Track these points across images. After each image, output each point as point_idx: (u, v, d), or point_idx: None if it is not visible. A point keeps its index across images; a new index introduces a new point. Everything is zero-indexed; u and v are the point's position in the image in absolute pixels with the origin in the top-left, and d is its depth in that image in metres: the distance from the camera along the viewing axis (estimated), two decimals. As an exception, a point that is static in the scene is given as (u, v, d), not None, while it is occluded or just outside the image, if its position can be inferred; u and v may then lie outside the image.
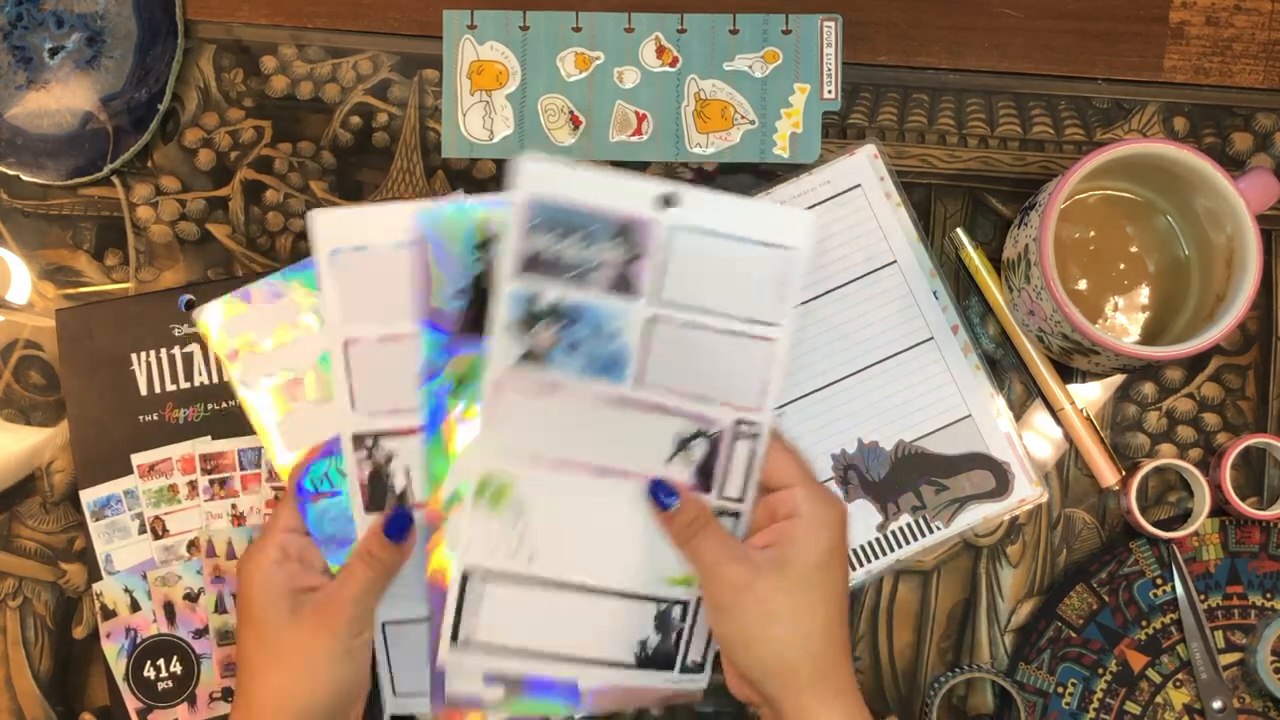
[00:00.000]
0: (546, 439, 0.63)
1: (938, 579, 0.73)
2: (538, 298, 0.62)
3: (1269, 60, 0.76)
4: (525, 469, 0.63)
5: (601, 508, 0.64)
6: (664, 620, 0.65)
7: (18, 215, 0.76)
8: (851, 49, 0.76)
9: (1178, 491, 0.74)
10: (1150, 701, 0.72)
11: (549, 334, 0.62)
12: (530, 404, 0.63)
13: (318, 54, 0.76)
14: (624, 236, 0.62)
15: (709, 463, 0.64)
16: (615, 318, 0.62)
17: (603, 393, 0.63)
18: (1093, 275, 0.71)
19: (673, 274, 0.62)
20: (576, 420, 0.63)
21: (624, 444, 0.63)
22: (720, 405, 0.64)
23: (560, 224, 0.61)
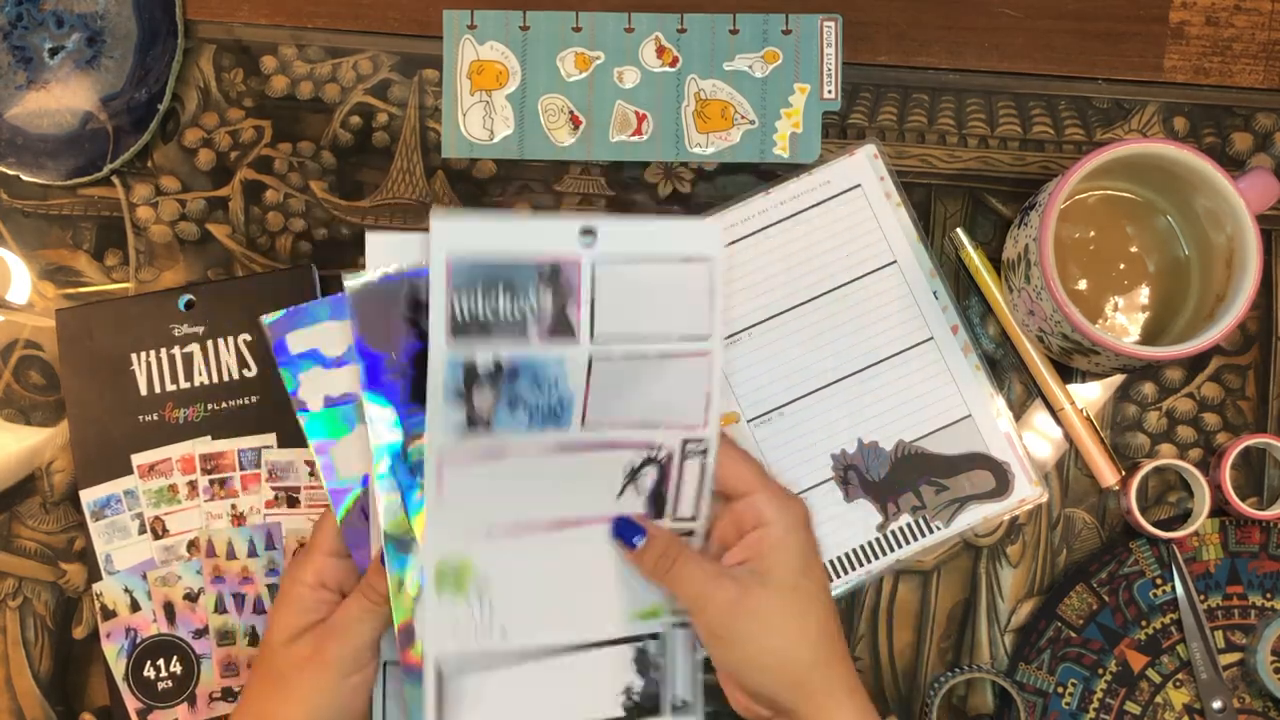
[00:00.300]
0: (498, 506, 0.61)
1: (938, 579, 0.73)
2: (473, 360, 0.59)
3: (1269, 60, 0.76)
4: (480, 544, 0.61)
5: (562, 561, 0.63)
6: (643, 660, 0.64)
7: (18, 215, 0.76)
8: (851, 49, 0.76)
9: (1178, 491, 0.74)
10: (1150, 701, 0.72)
11: (489, 394, 0.60)
12: (478, 473, 0.60)
13: (318, 54, 0.76)
14: (552, 280, 0.60)
15: (660, 488, 0.63)
16: (555, 365, 0.60)
17: (549, 442, 0.61)
18: (1093, 275, 0.71)
19: (603, 308, 0.61)
20: (525, 478, 0.61)
21: (575, 489, 0.62)
22: (665, 429, 0.62)
23: (485, 279, 0.59)
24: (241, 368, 0.73)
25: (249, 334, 0.73)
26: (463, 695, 0.62)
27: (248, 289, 0.74)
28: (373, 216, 0.75)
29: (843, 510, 0.73)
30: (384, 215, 0.75)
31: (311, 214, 0.76)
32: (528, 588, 0.62)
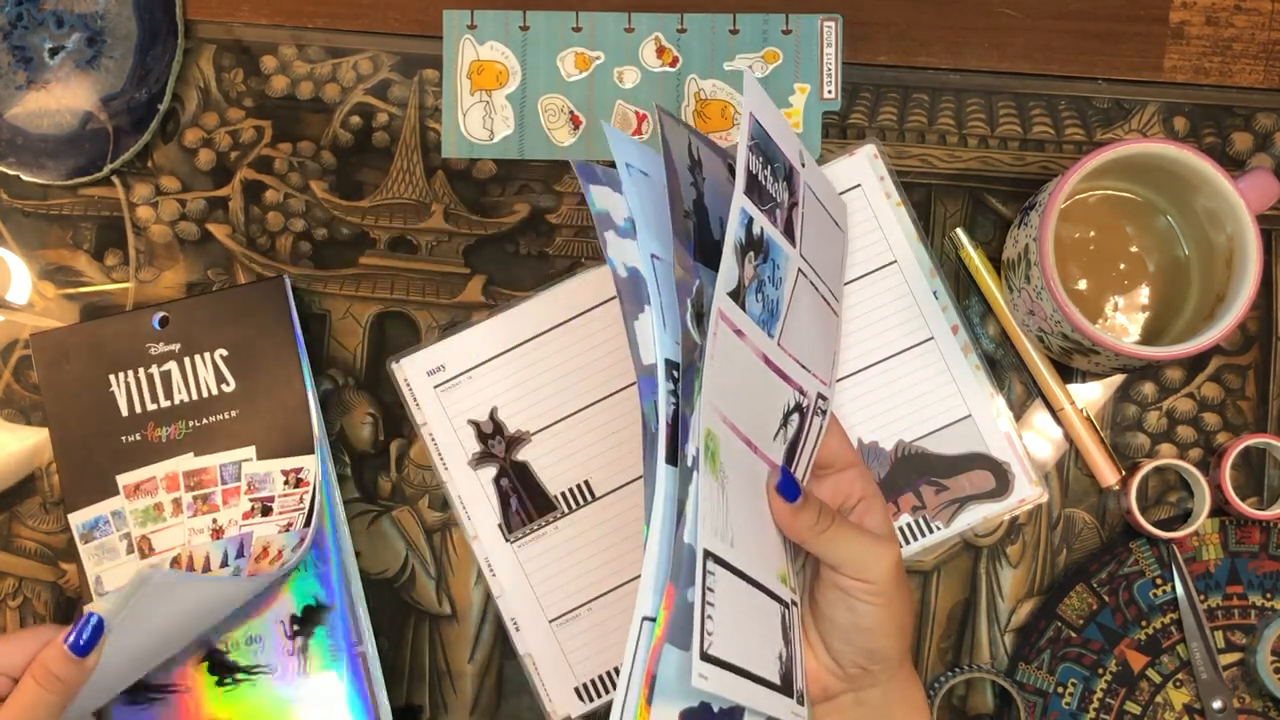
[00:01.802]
0: (728, 394, 0.56)
1: (938, 579, 0.73)
2: (754, 221, 0.56)
3: (1269, 60, 0.76)
4: (720, 426, 0.55)
5: (750, 487, 0.57)
6: (787, 627, 0.58)
7: (18, 215, 0.76)
8: (851, 49, 0.76)
9: (1178, 491, 0.74)
10: (1150, 701, 0.72)
11: (752, 267, 0.57)
12: (728, 347, 0.55)
13: (318, 54, 0.76)
14: (790, 182, 0.60)
15: (796, 440, 0.60)
16: (784, 262, 0.59)
17: (760, 348, 0.57)
18: (1093, 275, 0.71)
19: (807, 230, 0.61)
20: (742, 376, 0.56)
21: (761, 411, 0.58)
22: (812, 375, 0.61)
23: (764, 152, 0.58)
24: (220, 383, 0.73)
25: (225, 348, 0.73)
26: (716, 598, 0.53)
27: (220, 303, 0.73)
28: (373, 216, 0.75)
29: (843, 510, 0.73)
30: (384, 215, 0.75)
31: (311, 214, 0.76)
32: (736, 501, 0.56)
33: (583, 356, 0.73)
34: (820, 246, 0.61)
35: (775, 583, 0.58)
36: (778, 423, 0.59)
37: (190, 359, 0.73)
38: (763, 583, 0.57)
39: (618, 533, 0.72)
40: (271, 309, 0.73)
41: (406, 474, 0.74)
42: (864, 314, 0.74)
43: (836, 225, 0.62)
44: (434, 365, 0.73)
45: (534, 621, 0.72)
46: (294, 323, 0.73)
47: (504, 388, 0.73)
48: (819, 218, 0.61)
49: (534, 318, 0.73)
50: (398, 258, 0.75)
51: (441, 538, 0.74)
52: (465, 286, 0.75)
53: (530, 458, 0.73)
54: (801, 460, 0.61)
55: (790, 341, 0.58)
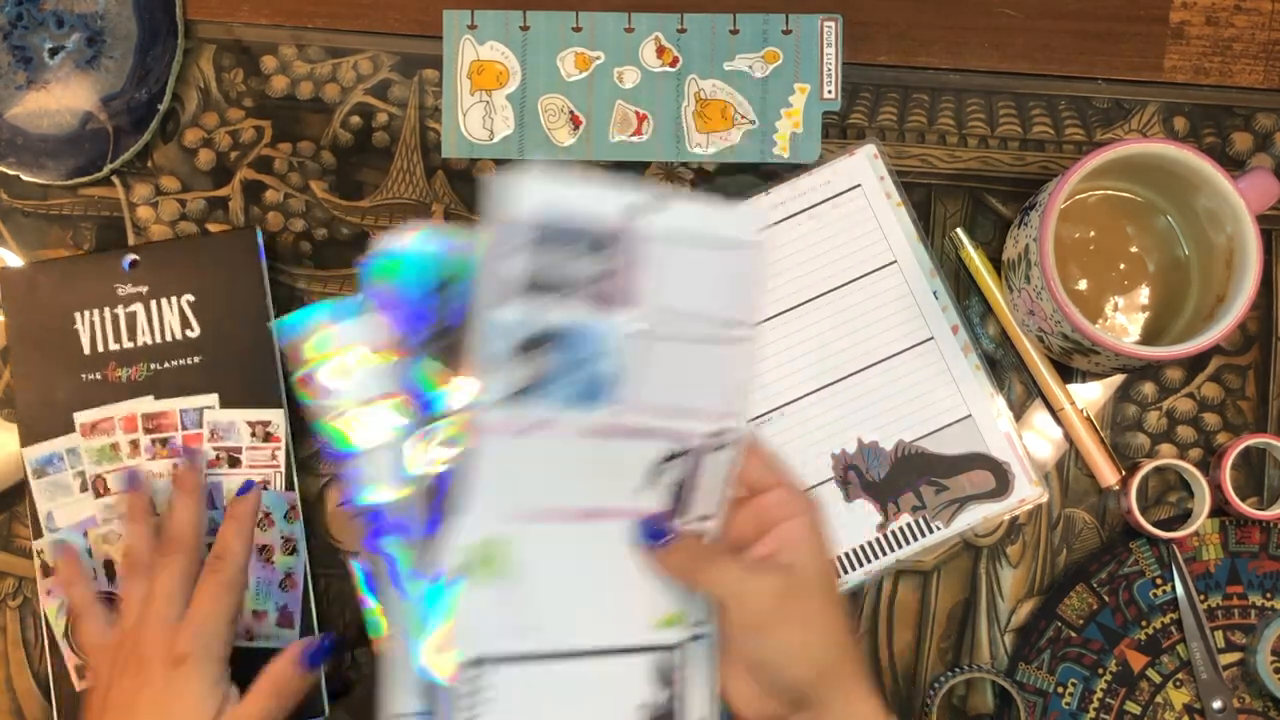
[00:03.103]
0: (535, 486, 0.57)
1: (938, 579, 0.73)
2: (519, 325, 0.54)
3: (1269, 60, 0.76)
4: (516, 526, 0.57)
5: (589, 556, 0.58)
6: (663, 672, 0.60)
7: (18, 215, 0.76)
8: (851, 49, 0.76)
9: (1178, 491, 0.74)
10: (1150, 701, 0.72)
11: (530, 366, 0.55)
12: (517, 447, 0.56)
13: (318, 54, 0.76)
14: (604, 250, 0.55)
15: (683, 483, 0.60)
16: (597, 337, 0.56)
17: (585, 423, 0.57)
18: (1093, 275, 0.71)
19: (649, 284, 0.56)
20: (561, 458, 0.57)
21: (604, 478, 0.58)
22: (696, 419, 0.59)
23: (539, 241, 0.54)
24: (185, 328, 0.73)
25: (192, 294, 0.73)
26: (483, 690, 0.56)
27: (191, 249, 0.74)
28: (373, 216, 0.75)
29: (843, 510, 0.73)
30: (384, 215, 0.75)
31: (311, 214, 0.76)
32: (557, 583, 0.58)
33: (583, 356, 0.73)
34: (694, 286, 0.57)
35: (646, 634, 0.59)
36: (639, 478, 0.58)
37: (157, 302, 0.73)
38: (612, 646, 0.58)
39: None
40: (242, 259, 0.73)
41: (406, 474, 0.74)
42: (864, 314, 0.74)
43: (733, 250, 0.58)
44: (434, 365, 0.73)
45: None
46: (264, 274, 0.73)
47: (504, 388, 0.73)
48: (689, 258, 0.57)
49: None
50: (398, 258, 0.75)
51: (441, 538, 0.73)
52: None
53: (530, 458, 0.73)
54: (702, 500, 0.60)
55: (646, 398, 0.57)
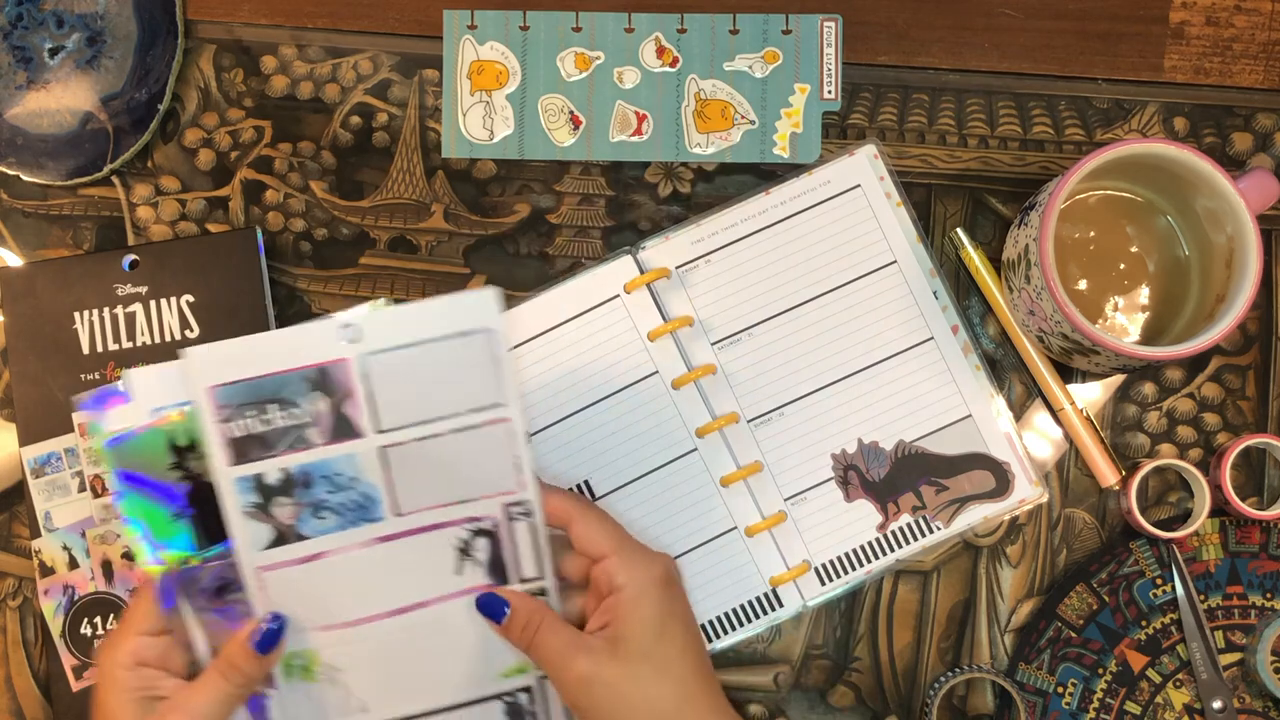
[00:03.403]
0: (332, 607, 0.62)
1: (938, 579, 0.73)
2: (263, 477, 0.60)
3: (1269, 60, 0.76)
4: (322, 638, 0.62)
5: (414, 640, 0.63)
6: (515, 711, 0.64)
7: (18, 215, 0.76)
8: (851, 49, 0.76)
9: (1178, 491, 0.74)
10: (1150, 701, 0.72)
11: (288, 507, 0.60)
12: (300, 580, 0.61)
13: (318, 54, 0.76)
14: (321, 383, 0.60)
15: (497, 556, 0.63)
16: (346, 463, 0.60)
17: (366, 537, 0.61)
18: (1093, 275, 0.71)
19: (383, 399, 0.60)
20: (353, 576, 0.62)
21: (410, 575, 0.62)
22: (483, 500, 0.62)
23: (253, 398, 0.59)
24: (184, 328, 0.73)
25: (192, 295, 0.74)
26: None
27: (191, 250, 0.74)
28: (373, 216, 0.75)
29: (843, 510, 0.73)
30: (384, 215, 0.76)
31: (311, 214, 0.76)
32: (382, 668, 0.63)
33: (582, 357, 0.73)
34: (429, 389, 0.61)
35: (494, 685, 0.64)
36: (455, 561, 0.62)
37: (156, 302, 0.73)
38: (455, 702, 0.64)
39: (617, 533, 0.72)
40: (242, 260, 0.74)
41: (406, 474, 0.74)
42: (864, 314, 0.74)
43: (468, 338, 0.61)
44: (434, 365, 0.73)
45: (534, 622, 0.72)
46: (263, 274, 0.73)
47: (504, 388, 0.73)
48: (411, 363, 0.61)
49: (533, 318, 0.73)
50: (398, 258, 0.75)
51: (441, 538, 0.74)
52: (465, 287, 0.75)
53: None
54: (522, 565, 0.63)
55: (422, 500, 0.62)
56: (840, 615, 0.73)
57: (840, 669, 0.73)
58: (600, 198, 0.76)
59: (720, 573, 0.72)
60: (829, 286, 0.74)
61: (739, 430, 0.73)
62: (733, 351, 0.73)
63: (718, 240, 0.74)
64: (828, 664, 0.73)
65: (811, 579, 0.72)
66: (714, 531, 0.72)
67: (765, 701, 0.73)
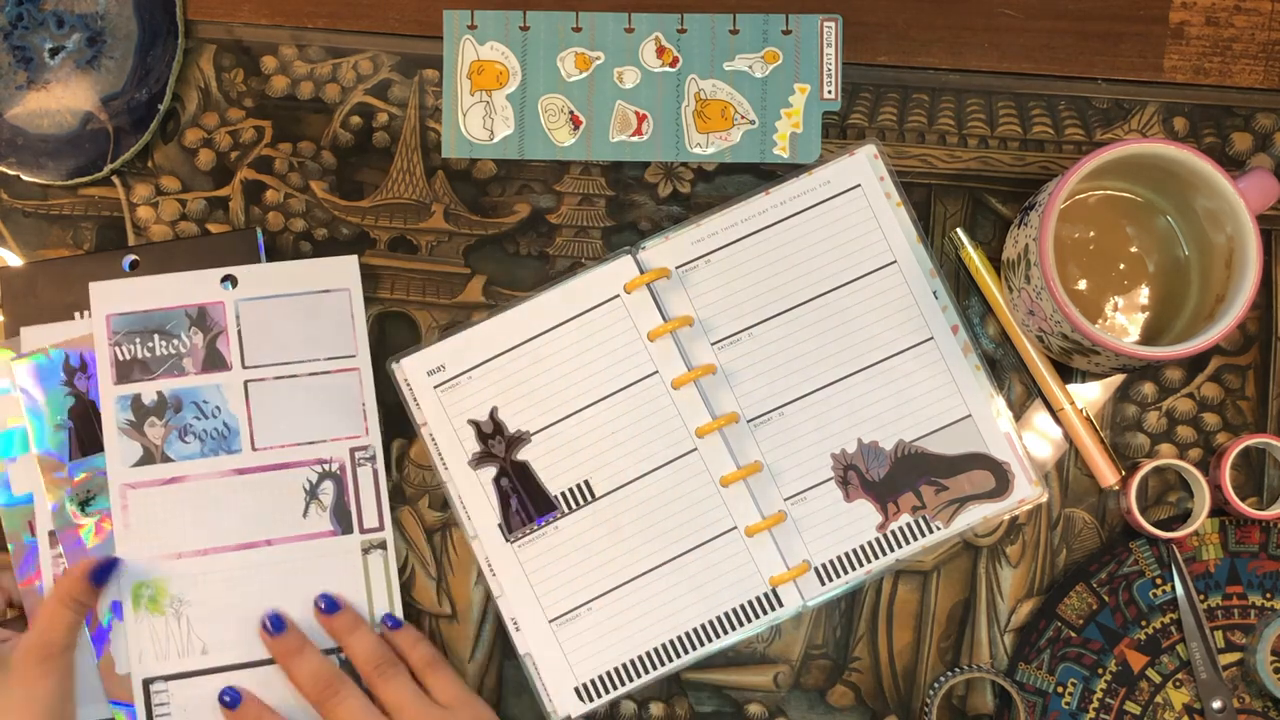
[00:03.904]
0: (185, 534, 0.70)
1: (938, 579, 0.74)
2: (140, 396, 0.70)
3: (1269, 60, 0.76)
4: (173, 565, 0.70)
5: (258, 581, 0.70)
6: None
7: (18, 215, 0.76)
8: (851, 49, 0.76)
9: (1178, 491, 0.74)
10: (1150, 701, 0.72)
11: (159, 427, 0.70)
12: (161, 500, 0.70)
13: (318, 54, 0.76)
14: (200, 321, 0.71)
15: (341, 502, 0.71)
16: (214, 393, 0.71)
17: (225, 468, 0.70)
18: (1093, 275, 0.71)
19: (250, 341, 0.71)
20: (209, 503, 0.70)
21: (260, 511, 0.71)
22: (333, 442, 0.71)
23: (141, 327, 0.70)
24: None
25: None
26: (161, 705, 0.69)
27: (192, 251, 0.74)
28: (373, 216, 0.75)
29: (843, 510, 0.73)
30: (384, 215, 0.76)
31: (312, 214, 0.76)
32: (223, 604, 0.70)
33: (583, 356, 0.73)
34: (291, 335, 0.72)
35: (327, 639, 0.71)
36: (299, 505, 0.71)
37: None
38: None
39: (618, 532, 0.72)
40: (242, 260, 0.74)
41: (407, 474, 0.74)
42: (864, 314, 0.74)
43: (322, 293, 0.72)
44: (434, 365, 0.73)
45: (534, 621, 0.72)
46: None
47: (504, 388, 0.73)
48: (278, 311, 0.72)
49: (534, 318, 0.73)
50: (398, 258, 0.75)
51: (441, 538, 0.74)
52: (465, 286, 0.75)
53: (530, 458, 0.73)
54: (364, 514, 0.72)
55: (277, 437, 0.71)
56: (840, 615, 0.73)
57: (840, 669, 0.73)
58: (600, 198, 0.76)
59: (720, 573, 0.72)
60: (829, 286, 0.74)
61: (739, 430, 0.73)
62: (733, 351, 0.73)
63: (718, 240, 0.74)
64: (827, 664, 0.73)
65: (811, 579, 0.72)
66: (714, 531, 0.73)
67: (765, 701, 0.73)
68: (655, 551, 0.72)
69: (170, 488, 0.70)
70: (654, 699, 0.73)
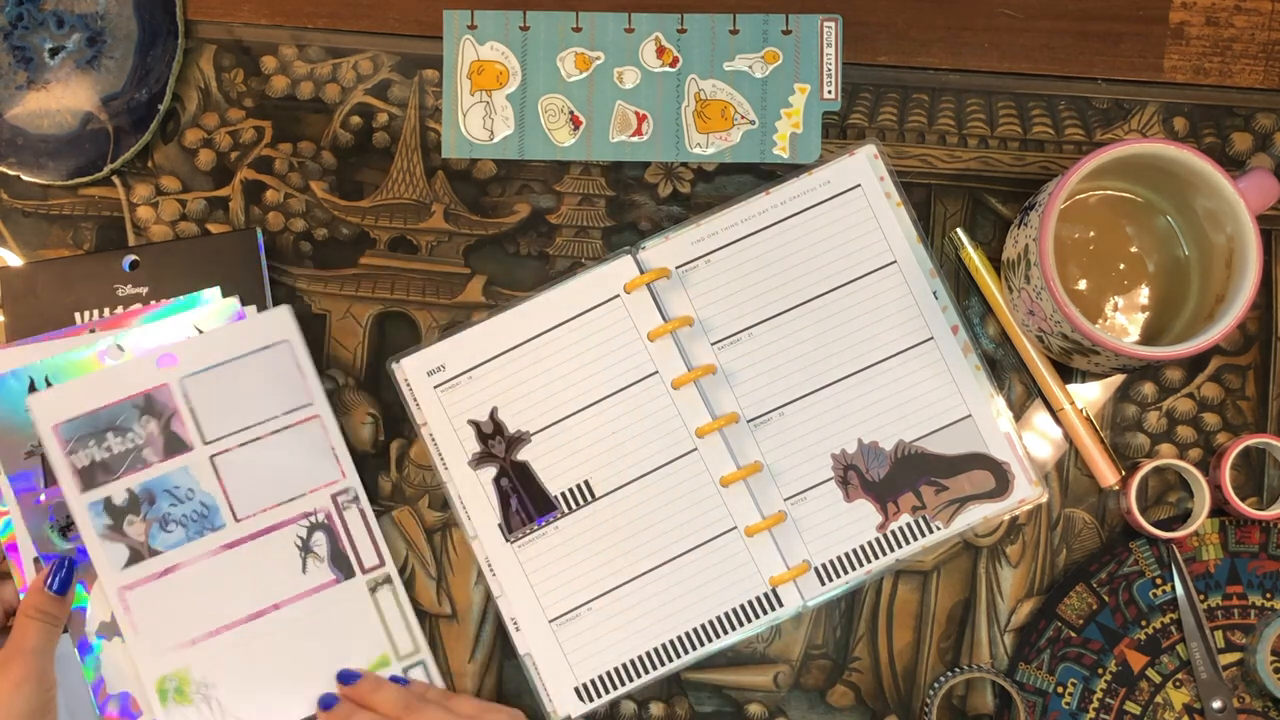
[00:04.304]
0: (194, 619, 0.69)
1: (938, 579, 0.74)
2: (111, 498, 0.69)
3: (1269, 60, 0.76)
4: (189, 653, 0.69)
5: (273, 644, 0.70)
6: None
7: (18, 215, 0.76)
8: (851, 49, 0.76)
9: (1178, 491, 0.74)
10: (1150, 701, 0.72)
11: (138, 524, 0.69)
12: (160, 593, 0.69)
13: (318, 54, 0.76)
14: (150, 408, 0.70)
15: (336, 548, 0.71)
16: (182, 475, 0.70)
17: (213, 545, 0.70)
18: (1093, 275, 0.71)
19: (204, 414, 0.70)
20: (208, 585, 0.70)
21: (261, 579, 0.70)
22: (311, 494, 0.71)
23: (92, 429, 0.69)
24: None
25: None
26: None
27: (192, 251, 0.74)
28: (373, 216, 0.76)
29: (843, 510, 0.73)
30: (384, 215, 0.76)
31: (312, 214, 0.76)
32: (248, 677, 0.70)
33: (583, 356, 0.73)
34: (243, 399, 0.71)
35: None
36: (296, 563, 0.71)
37: (157, 302, 0.73)
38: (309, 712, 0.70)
39: (618, 532, 0.72)
40: (242, 260, 0.74)
41: (407, 474, 0.74)
42: (864, 314, 0.74)
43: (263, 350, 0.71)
44: (434, 365, 0.73)
45: (534, 621, 0.72)
46: (263, 275, 0.74)
47: (504, 388, 0.73)
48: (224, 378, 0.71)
49: (534, 318, 0.73)
50: (398, 258, 0.75)
51: (441, 538, 0.74)
52: (465, 286, 0.75)
53: (530, 458, 0.73)
54: (362, 554, 0.71)
55: (258, 499, 0.71)
56: (840, 615, 0.73)
57: (840, 669, 0.73)
58: (600, 198, 0.76)
59: (720, 573, 0.72)
60: (829, 286, 0.74)
61: (739, 430, 0.73)
62: (733, 351, 0.73)
63: (718, 240, 0.74)
64: (827, 664, 0.73)
65: (811, 579, 0.72)
66: (714, 531, 0.73)
67: (765, 701, 0.73)
68: (655, 551, 0.72)
69: (166, 579, 0.70)
70: (654, 699, 0.73)
